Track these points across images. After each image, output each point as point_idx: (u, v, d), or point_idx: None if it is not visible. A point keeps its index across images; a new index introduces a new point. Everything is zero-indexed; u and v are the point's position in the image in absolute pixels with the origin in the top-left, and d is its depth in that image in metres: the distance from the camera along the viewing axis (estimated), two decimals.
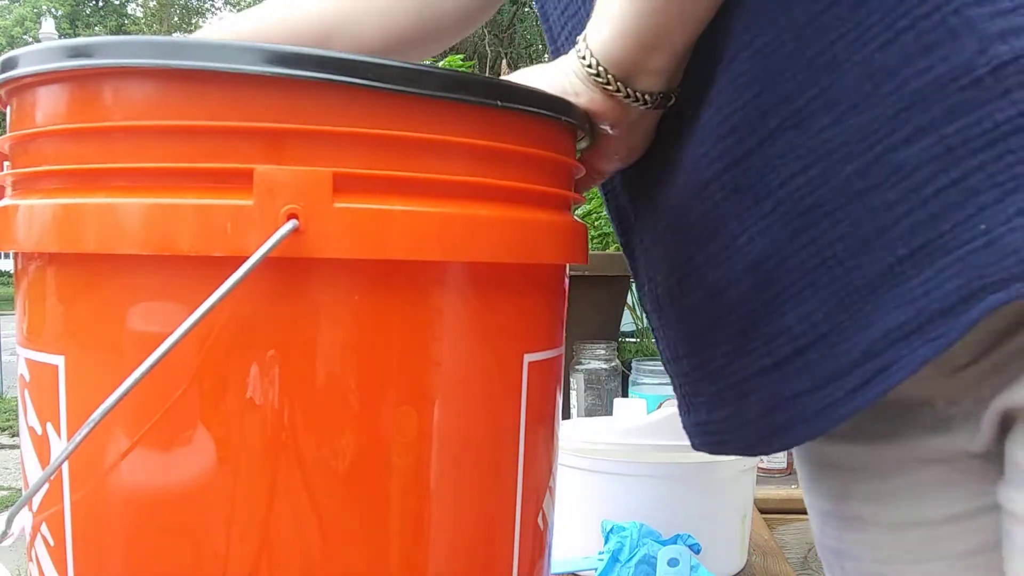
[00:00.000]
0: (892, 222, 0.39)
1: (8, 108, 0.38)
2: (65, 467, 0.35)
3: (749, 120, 0.43)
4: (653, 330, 0.54)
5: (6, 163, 0.39)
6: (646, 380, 1.25)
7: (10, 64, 0.36)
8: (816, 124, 0.40)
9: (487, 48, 9.12)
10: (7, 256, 0.42)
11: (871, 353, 0.40)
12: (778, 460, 1.31)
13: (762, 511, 1.11)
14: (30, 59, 0.35)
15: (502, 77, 0.47)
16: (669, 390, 1.20)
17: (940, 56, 0.37)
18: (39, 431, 0.37)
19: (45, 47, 0.35)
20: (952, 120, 0.37)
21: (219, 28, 0.67)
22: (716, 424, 0.49)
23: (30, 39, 15.13)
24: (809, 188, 0.41)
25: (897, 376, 0.39)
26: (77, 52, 0.34)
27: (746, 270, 0.44)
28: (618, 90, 0.43)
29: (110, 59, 0.34)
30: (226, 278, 0.32)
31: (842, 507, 0.52)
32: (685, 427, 0.53)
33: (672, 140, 0.47)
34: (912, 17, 0.38)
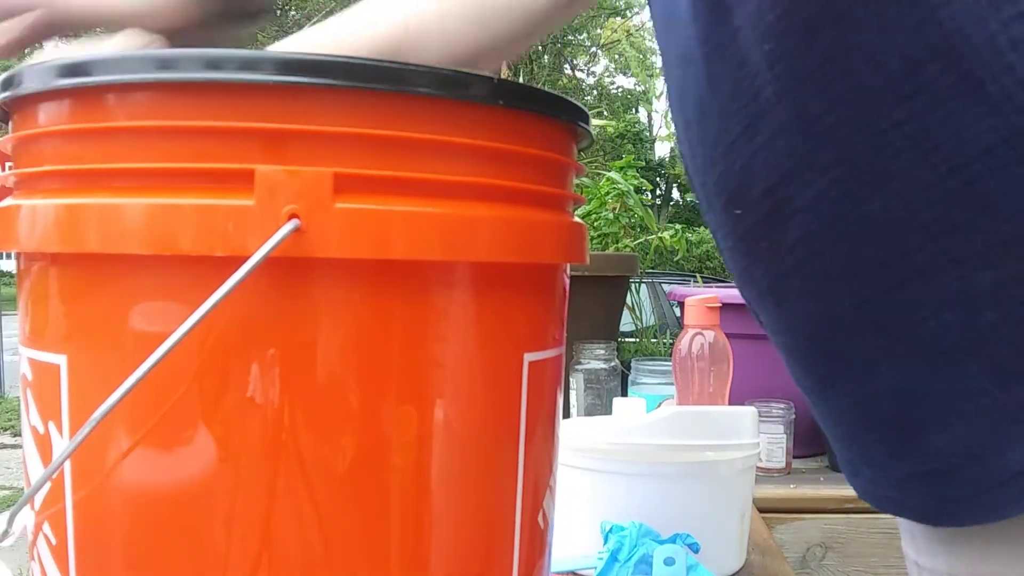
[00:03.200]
0: None
1: (11, 120, 0.38)
2: (67, 466, 0.36)
3: (871, 270, 0.44)
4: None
5: (8, 163, 0.39)
6: (646, 380, 1.26)
7: (11, 83, 0.36)
8: (943, 278, 0.41)
9: None
10: (9, 256, 0.42)
11: None
12: (777, 460, 1.31)
13: (761, 510, 1.11)
14: (30, 78, 0.35)
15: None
16: (669, 390, 1.21)
17: None
18: (41, 430, 0.37)
19: (45, 67, 0.35)
20: None
21: (297, 41, 0.68)
22: (882, 496, 0.51)
23: None
24: (943, 332, 0.42)
25: None
26: (75, 71, 0.34)
27: (888, 394, 0.45)
28: None
29: (109, 76, 0.34)
30: (227, 278, 0.32)
31: None
32: (851, 482, 0.54)
33: (795, 270, 0.48)
34: None
